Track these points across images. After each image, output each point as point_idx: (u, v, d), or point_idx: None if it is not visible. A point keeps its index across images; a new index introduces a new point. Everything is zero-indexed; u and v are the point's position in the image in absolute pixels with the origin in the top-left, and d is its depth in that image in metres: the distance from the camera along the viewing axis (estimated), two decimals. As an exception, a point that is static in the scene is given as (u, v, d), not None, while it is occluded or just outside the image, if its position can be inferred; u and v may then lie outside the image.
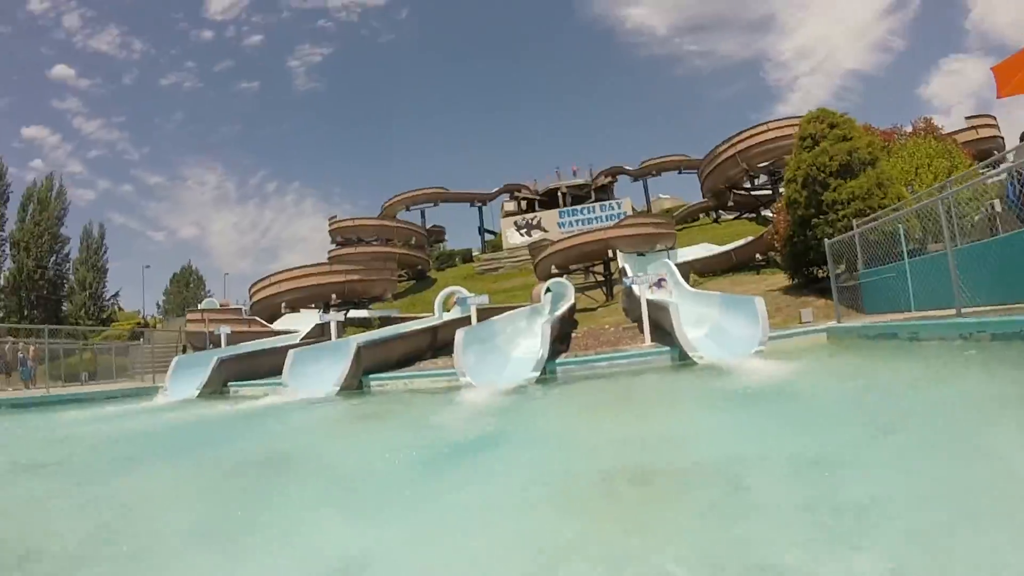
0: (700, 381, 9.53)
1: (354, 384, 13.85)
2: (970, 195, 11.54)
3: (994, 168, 11.42)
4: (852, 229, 14.48)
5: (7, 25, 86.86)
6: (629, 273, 20.71)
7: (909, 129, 22.76)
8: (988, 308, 8.79)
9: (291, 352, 15.04)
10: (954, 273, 9.13)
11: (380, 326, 23.43)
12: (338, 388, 13.28)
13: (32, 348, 21.76)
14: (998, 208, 11.44)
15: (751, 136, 36.41)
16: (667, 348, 12.74)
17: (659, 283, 15.24)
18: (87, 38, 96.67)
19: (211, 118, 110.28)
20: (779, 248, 20.08)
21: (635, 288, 17.27)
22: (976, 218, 11.84)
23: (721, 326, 13.53)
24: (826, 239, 14.78)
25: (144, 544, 3.40)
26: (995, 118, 36.22)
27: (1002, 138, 33.95)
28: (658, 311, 14.46)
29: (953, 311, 8.95)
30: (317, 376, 13.95)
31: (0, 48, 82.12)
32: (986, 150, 30.68)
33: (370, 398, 12.72)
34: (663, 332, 14.27)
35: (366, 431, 8.45)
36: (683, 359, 11.66)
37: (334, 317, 18.97)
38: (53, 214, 52.95)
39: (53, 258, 53.04)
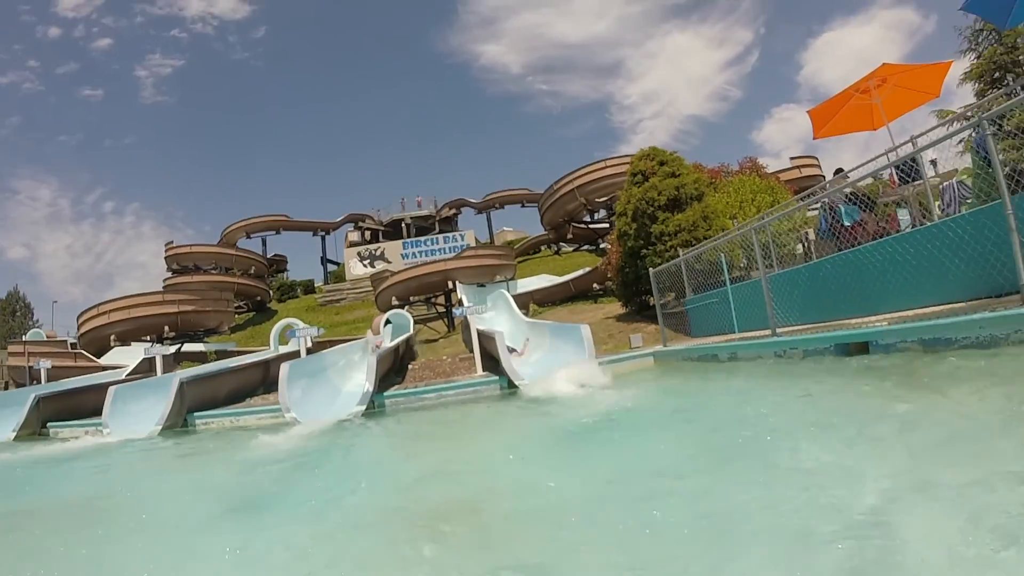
0: (521, 408, 9.52)
1: (178, 423, 13.32)
2: (790, 226, 12.09)
3: (807, 200, 12.04)
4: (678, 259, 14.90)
5: None
6: (466, 303, 20.48)
7: (736, 168, 24.07)
8: (801, 327, 9.22)
9: (111, 389, 14.36)
10: (768, 297, 9.51)
11: (216, 360, 21.90)
12: (160, 427, 12.68)
13: None
14: (812, 237, 12.11)
15: (589, 172, 37.62)
16: (495, 377, 12.72)
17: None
18: None
19: (49, 126, 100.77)
20: (612, 277, 20.52)
21: (468, 318, 17.04)
22: (798, 247, 12.47)
23: (552, 352, 13.62)
24: (650, 268, 15.10)
25: None
26: (817, 159, 39.43)
27: (823, 176, 36.78)
28: (489, 340, 14.31)
29: (769, 331, 9.18)
30: (140, 415, 13.37)
31: None
32: (808, 187, 33.10)
33: (189, 438, 11.94)
34: (495, 361, 14.06)
35: (165, 476, 7.93)
36: (511, 387, 11.64)
37: (160, 351, 18.29)
38: None
39: None
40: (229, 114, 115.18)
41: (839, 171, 13.94)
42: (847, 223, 9.96)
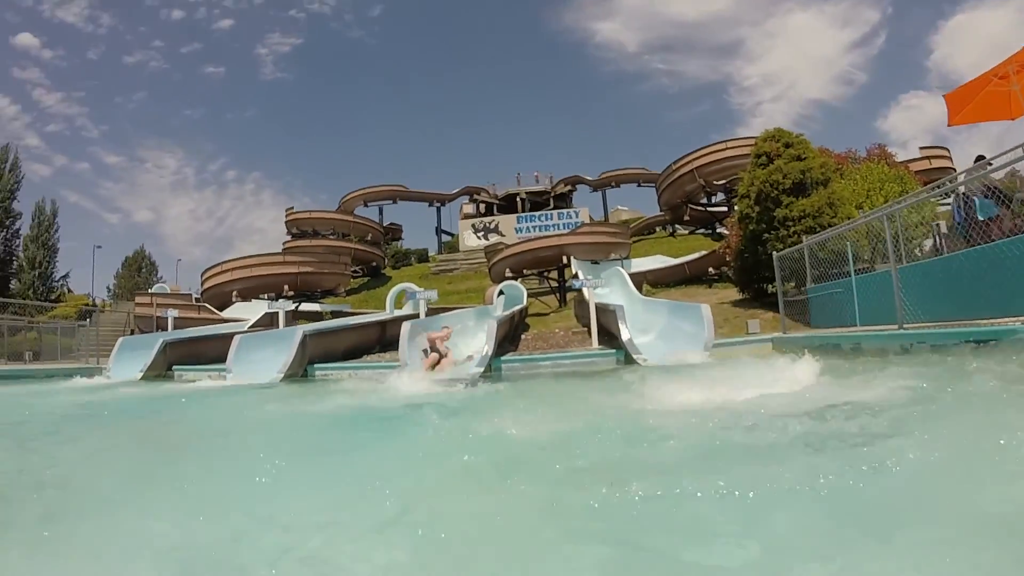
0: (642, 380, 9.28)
1: (299, 372, 13.94)
2: (919, 219, 11.71)
3: (940, 189, 11.61)
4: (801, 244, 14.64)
5: None
6: (582, 277, 20.70)
7: (863, 154, 23.20)
8: (929, 324, 8.88)
9: (236, 338, 15.11)
10: (897, 290, 9.28)
11: (331, 319, 23.02)
12: (282, 375, 13.23)
13: None
14: (943, 230, 11.67)
15: (709, 153, 36.65)
16: (612, 351, 12.83)
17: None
18: (55, 7, 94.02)
19: (175, 100, 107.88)
20: (731, 261, 20.26)
21: (585, 291, 17.29)
22: (927, 242, 12.06)
23: (668, 331, 13.63)
24: (773, 253, 14.92)
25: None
26: (948, 150, 37.18)
27: (953, 169, 34.75)
28: (605, 314, 14.53)
29: (896, 326, 9.04)
30: (261, 363, 13.88)
31: None
32: (938, 179, 31.46)
33: (312, 386, 12.49)
34: (611, 336, 14.27)
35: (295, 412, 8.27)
36: (628, 361, 11.71)
37: (284, 305, 18.93)
38: (6, 187, 50.44)
39: (3, 233, 50.68)
40: (345, 89, 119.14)
41: (980, 158, 13.24)
42: (981, 217, 9.59)
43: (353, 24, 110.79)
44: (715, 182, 37.10)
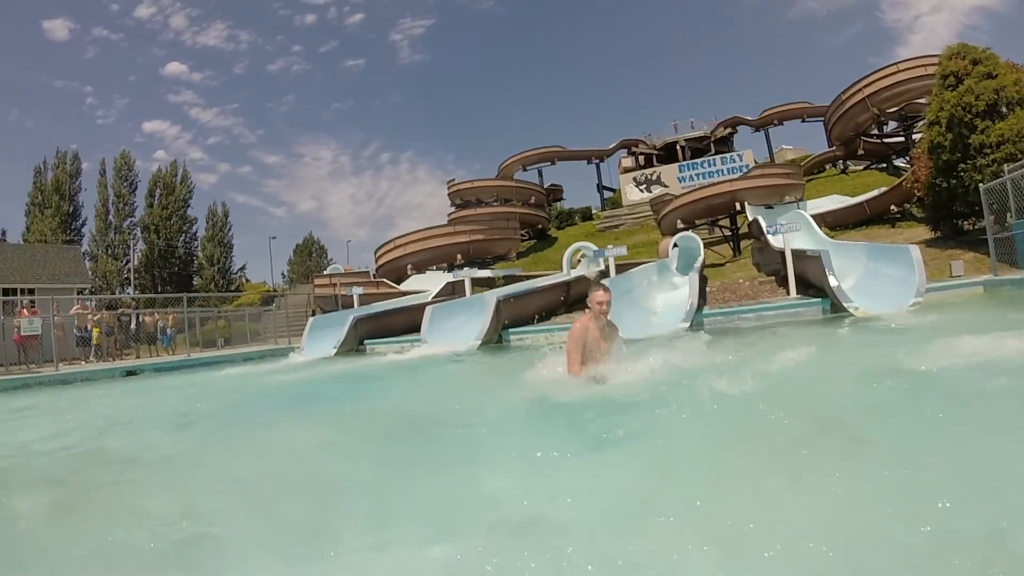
0: (878, 336, 8.72)
1: (494, 338, 14.24)
2: None
3: None
4: (1001, 175, 14.00)
5: (118, 32, 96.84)
6: (763, 225, 20.48)
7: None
8: None
9: (429, 308, 15.71)
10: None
11: (504, 284, 23.63)
12: (479, 342, 13.61)
13: (171, 317, 23.35)
14: None
15: (881, 78, 34.20)
16: (816, 300, 12.71)
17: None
18: (195, 35, 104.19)
19: (321, 97, 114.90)
20: (922, 196, 19.45)
21: (772, 239, 17.30)
22: None
23: (869, 277, 13.18)
24: (981, 185, 14.30)
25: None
26: None
27: None
28: (803, 261, 14.40)
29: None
30: (456, 331, 14.54)
31: (115, 54, 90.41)
32: None
33: (515, 352, 12.51)
34: (804, 284, 14.36)
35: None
36: (835, 311, 11.47)
37: (468, 274, 19.78)
38: (180, 197, 57.92)
39: (182, 237, 58.07)
40: (483, 60, 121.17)
41: None
42: None
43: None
44: (888, 110, 35.05)
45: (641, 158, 51.44)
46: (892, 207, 25.54)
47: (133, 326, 22.89)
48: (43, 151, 65.19)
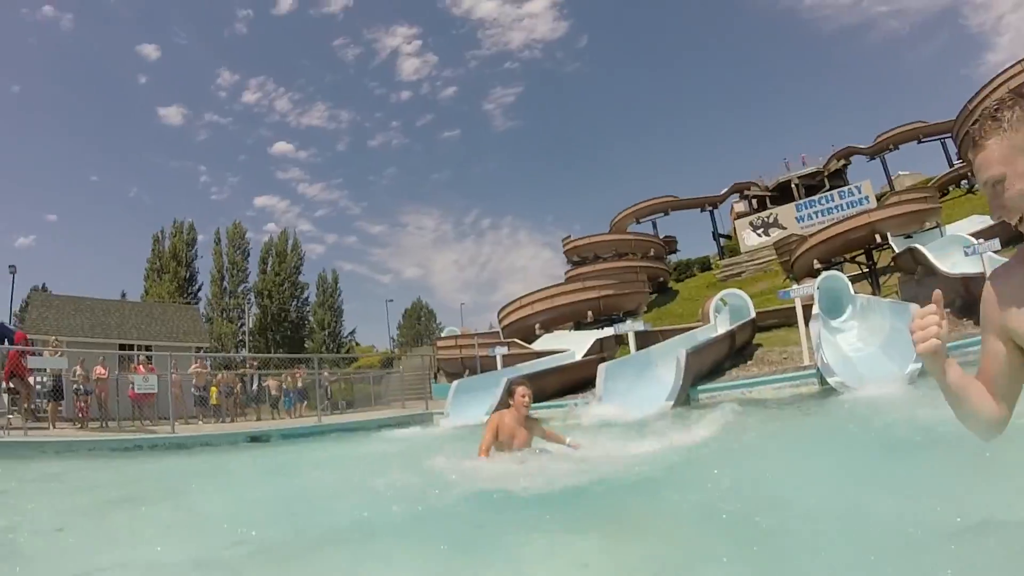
0: None
1: (682, 397, 12.99)
2: None
3: None
4: None
5: (227, 116, 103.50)
6: (928, 255, 19.08)
7: None
8: None
9: (602, 367, 14.63)
10: None
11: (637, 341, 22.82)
12: (672, 402, 12.58)
13: (298, 377, 22.29)
14: None
15: (1007, 80, 32.00)
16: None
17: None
18: (299, 116, 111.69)
19: (421, 168, 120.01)
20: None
21: (943, 266, 16.16)
22: None
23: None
24: None
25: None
26: None
27: None
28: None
29: None
30: (634, 392, 13.50)
31: (226, 136, 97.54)
32: None
33: (719, 413, 9.31)
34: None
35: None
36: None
37: (633, 327, 18.87)
38: (291, 264, 59.99)
39: (294, 303, 59.85)
40: (574, 120, 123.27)
41: None
42: None
43: (565, 60, 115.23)
44: (1021, 115, 32.87)
45: (754, 201, 50.29)
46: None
47: (254, 387, 22.58)
48: (161, 224, 71.08)
